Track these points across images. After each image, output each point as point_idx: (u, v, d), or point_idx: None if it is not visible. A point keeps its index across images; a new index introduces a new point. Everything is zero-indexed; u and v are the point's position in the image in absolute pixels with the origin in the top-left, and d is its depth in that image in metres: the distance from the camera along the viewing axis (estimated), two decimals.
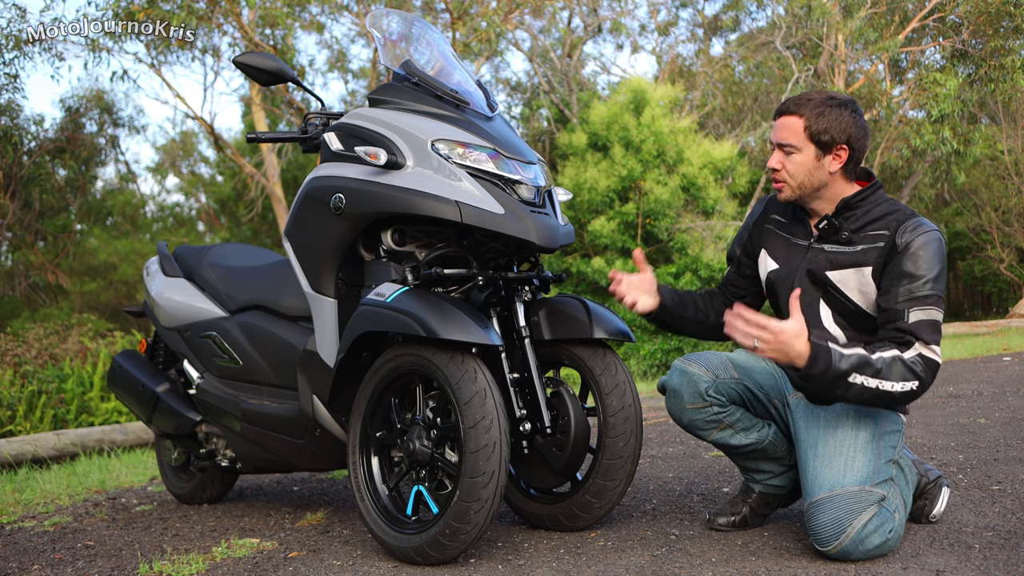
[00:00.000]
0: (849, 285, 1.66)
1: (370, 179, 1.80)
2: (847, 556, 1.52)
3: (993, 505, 1.87)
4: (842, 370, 1.50)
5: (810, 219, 1.75)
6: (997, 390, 3.98)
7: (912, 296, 1.56)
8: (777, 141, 1.68)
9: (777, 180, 1.70)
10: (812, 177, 1.67)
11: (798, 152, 1.66)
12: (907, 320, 1.55)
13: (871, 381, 1.51)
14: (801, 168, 1.66)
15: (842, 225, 1.68)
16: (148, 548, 2.03)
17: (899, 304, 1.56)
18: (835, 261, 1.68)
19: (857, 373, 1.51)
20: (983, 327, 9.29)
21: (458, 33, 10.43)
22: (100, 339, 8.08)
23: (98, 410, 6.06)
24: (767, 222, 1.83)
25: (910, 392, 1.53)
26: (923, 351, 1.54)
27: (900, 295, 1.57)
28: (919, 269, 1.57)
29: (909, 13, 13.06)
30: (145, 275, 2.65)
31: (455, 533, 1.62)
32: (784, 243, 1.78)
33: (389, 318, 1.70)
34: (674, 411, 1.77)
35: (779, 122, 1.69)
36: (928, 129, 12.09)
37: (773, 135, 1.70)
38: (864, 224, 1.67)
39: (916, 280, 1.57)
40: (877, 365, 1.52)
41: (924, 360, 1.54)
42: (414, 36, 2.04)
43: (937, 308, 1.56)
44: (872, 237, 1.65)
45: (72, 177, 15.01)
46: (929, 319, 1.55)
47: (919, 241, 1.59)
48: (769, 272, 1.79)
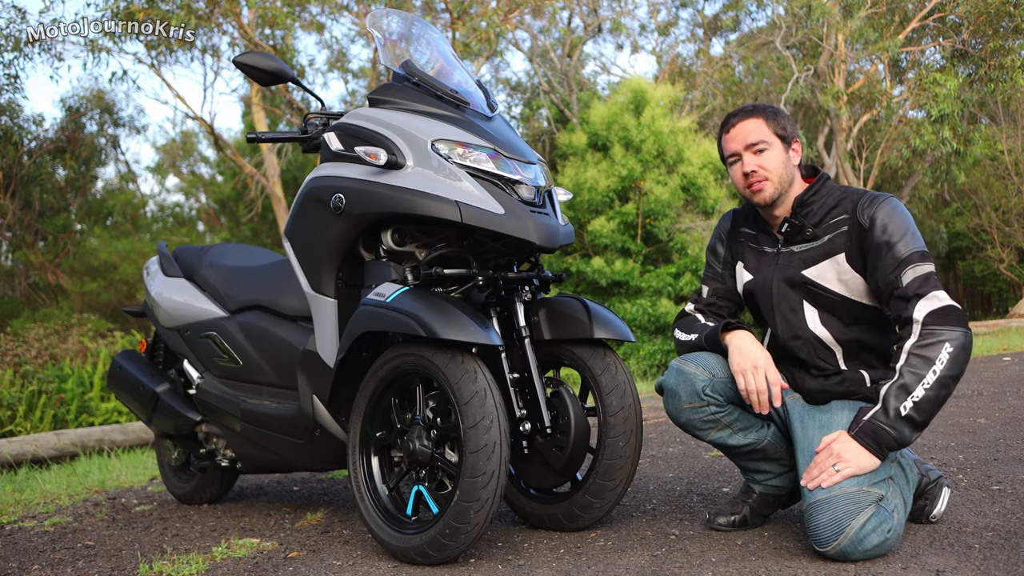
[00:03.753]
0: (828, 277, 1.68)
1: (370, 179, 1.80)
2: (846, 556, 1.53)
3: (993, 505, 1.87)
4: (893, 418, 1.53)
5: (772, 225, 1.78)
6: (997, 390, 3.98)
7: (898, 261, 1.59)
8: (745, 143, 1.70)
9: (755, 181, 1.70)
10: (786, 169, 1.71)
11: (769, 147, 1.70)
12: (903, 284, 1.57)
13: (917, 392, 1.52)
14: (777, 161, 1.70)
15: (803, 223, 1.71)
16: (148, 548, 2.04)
17: (891, 274, 1.59)
18: (807, 259, 1.70)
19: (902, 403, 1.52)
20: (983, 327, 9.31)
21: (458, 33, 10.44)
22: (100, 339, 8.09)
23: (98, 410, 6.06)
24: (739, 235, 1.85)
25: (954, 354, 1.51)
26: (929, 306, 1.54)
27: (888, 266, 1.60)
28: (892, 236, 1.61)
29: (909, 13, 13.10)
30: (145, 275, 2.66)
31: (455, 533, 1.62)
32: (755, 254, 1.80)
33: (389, 318, 1.70)
34: (672, 411, 1.77)
35: (737, 129, 1.71)
36: (928, 129, 12.12)
37: (735, 143, 1.71)
38: (823, 215, 1.70)
39: (893, 247, 1.60)
40: (906, 378, 1.53)
41: (935, 316, 1.53)
42: (414, 36, 2.04)
43: (923, 262, 1.59)
44: (834, 225, 1.68)
45: (72, 177, 15.02)
46: (919, 274, 1.57)
47: (881, 212, 1.63)
48: (745, 283, 1.81)
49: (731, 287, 1.86)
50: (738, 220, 1.86)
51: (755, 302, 1.81)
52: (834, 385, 1.72)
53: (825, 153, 14.45)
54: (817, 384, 1.74)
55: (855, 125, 13.51)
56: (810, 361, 1.73)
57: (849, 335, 1.69)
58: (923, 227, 16.62)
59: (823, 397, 1.73)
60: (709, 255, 1.90)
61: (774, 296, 1.74)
